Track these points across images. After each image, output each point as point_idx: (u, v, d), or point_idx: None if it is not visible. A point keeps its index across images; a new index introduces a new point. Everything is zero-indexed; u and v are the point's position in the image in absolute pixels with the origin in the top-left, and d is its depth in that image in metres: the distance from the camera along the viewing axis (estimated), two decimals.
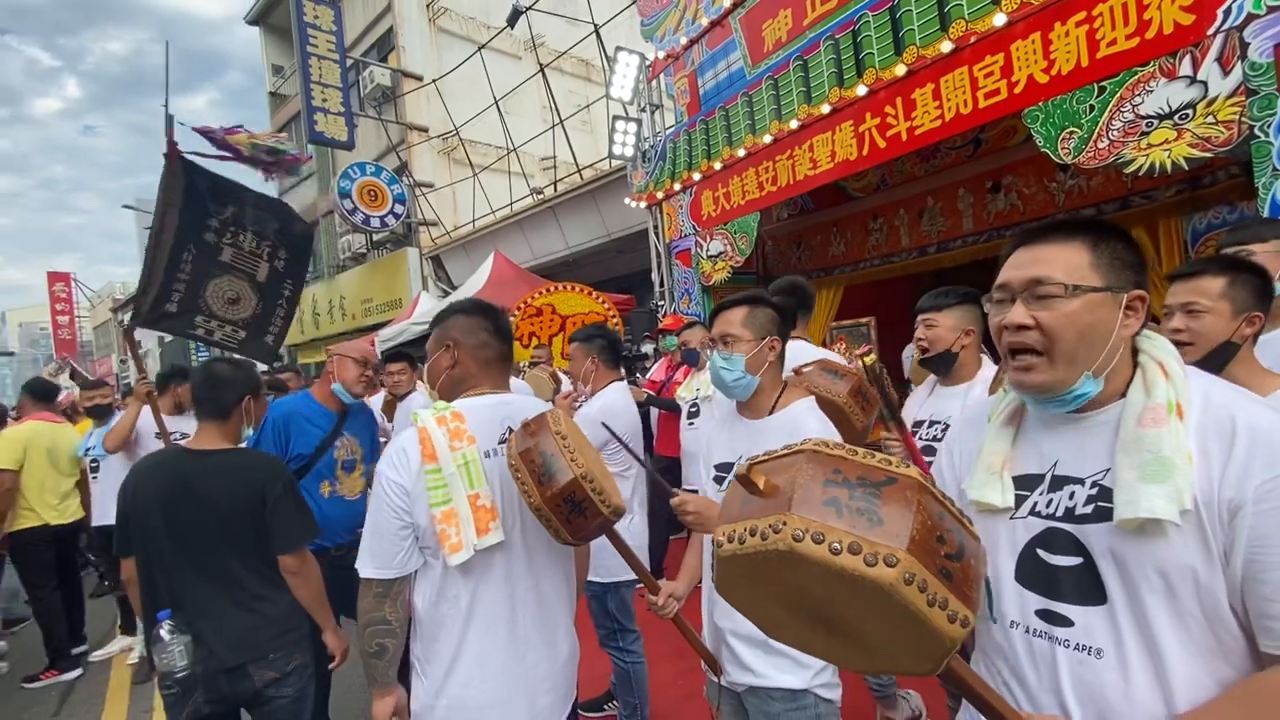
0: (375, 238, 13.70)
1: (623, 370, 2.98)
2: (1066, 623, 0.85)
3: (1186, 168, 3.06)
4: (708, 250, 5.97)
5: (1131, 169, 3.19)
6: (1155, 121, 3.10)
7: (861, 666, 0.73)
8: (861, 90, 4.32)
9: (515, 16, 9.59)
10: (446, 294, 11.59)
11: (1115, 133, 3.24)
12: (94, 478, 4.13)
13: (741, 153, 5.34)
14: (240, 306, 3.19)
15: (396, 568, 1.43)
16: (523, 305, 7.15)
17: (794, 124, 4.84)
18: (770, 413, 1.63)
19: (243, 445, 2.05)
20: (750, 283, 6.39)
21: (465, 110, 11.97)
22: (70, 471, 4.18)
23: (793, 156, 4.95)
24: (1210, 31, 2.90)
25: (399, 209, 12.70)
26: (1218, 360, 1.38)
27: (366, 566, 1.43)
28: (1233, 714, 0.76)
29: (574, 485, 1.30)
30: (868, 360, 1.94)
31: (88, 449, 4.18)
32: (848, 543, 0.62)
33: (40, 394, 4.48)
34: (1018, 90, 3.59)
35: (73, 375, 4.46)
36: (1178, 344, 1.34)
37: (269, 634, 1.88)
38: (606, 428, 1.89)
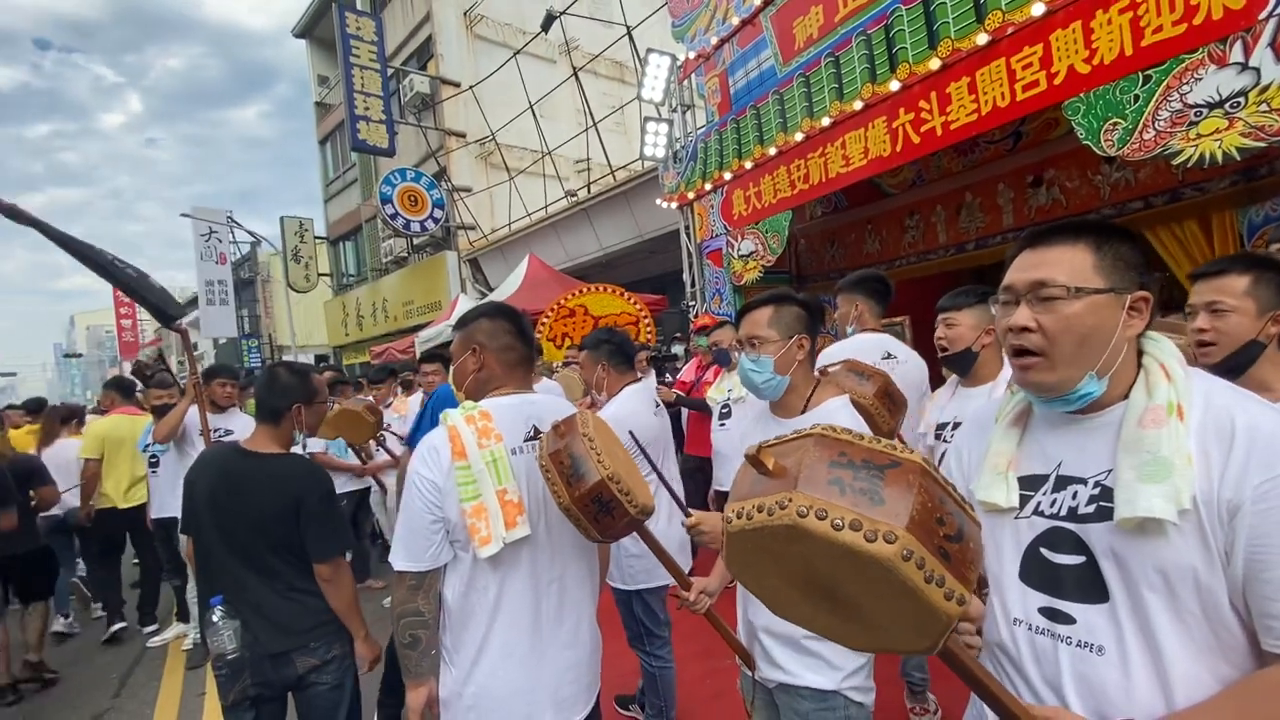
0: (415, 242, 14.06)
1: (651, 370, 2.95)
2: (1069, 620, 0.86)
3: (1239, 158, 2.93)
4: (739, 250, 5.95)
5: (1180, 160, 3.06)
6: (1205, 110, 2.97)
7: (863, 644, 0.75)
8: (895, 85, 4.25)
9: (549, 21, 9.76)
10: (484, 295, 11.81)
11: (1162, 123, 3.11)
12: (153, 473, 4.35)
13: (773, 151, 5.30)
14: (147, 279, 3.04)
15: (429, 560, 1.49)
16: (556, 306, 7.24)
17: (826, 121, 4.78)
18: (803, 411, 1.62)
19: (293, 451, 2.13)
20: (783, 282, 6.34)
21: (501, 115, 12.20)
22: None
23: (825, 154, 4.89)
24: (1262, 15, 2.76)
25: (438, 213, 13.01)
26: (1243, 360, 1.33)
27: (400, 560, 1.49)
28: (1232, 710, 0.76)
29: (601, 486, 1.34)
30: None
31: (146, 445, 4.38)
32: (849, 520, 0.64)
33: (125, 390, 5.08)
34: (1057, 81, 3.48)
35: (141, 365, 4.57)
36: (1202, 344, 1.31)
37: (308, 623, 1.97)
38: (633, 438, 1.87)
